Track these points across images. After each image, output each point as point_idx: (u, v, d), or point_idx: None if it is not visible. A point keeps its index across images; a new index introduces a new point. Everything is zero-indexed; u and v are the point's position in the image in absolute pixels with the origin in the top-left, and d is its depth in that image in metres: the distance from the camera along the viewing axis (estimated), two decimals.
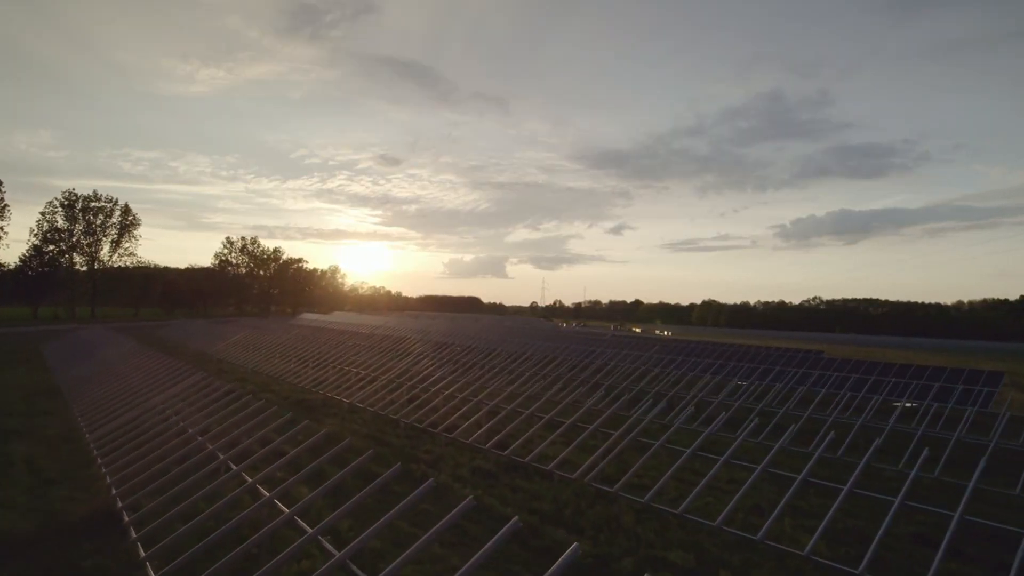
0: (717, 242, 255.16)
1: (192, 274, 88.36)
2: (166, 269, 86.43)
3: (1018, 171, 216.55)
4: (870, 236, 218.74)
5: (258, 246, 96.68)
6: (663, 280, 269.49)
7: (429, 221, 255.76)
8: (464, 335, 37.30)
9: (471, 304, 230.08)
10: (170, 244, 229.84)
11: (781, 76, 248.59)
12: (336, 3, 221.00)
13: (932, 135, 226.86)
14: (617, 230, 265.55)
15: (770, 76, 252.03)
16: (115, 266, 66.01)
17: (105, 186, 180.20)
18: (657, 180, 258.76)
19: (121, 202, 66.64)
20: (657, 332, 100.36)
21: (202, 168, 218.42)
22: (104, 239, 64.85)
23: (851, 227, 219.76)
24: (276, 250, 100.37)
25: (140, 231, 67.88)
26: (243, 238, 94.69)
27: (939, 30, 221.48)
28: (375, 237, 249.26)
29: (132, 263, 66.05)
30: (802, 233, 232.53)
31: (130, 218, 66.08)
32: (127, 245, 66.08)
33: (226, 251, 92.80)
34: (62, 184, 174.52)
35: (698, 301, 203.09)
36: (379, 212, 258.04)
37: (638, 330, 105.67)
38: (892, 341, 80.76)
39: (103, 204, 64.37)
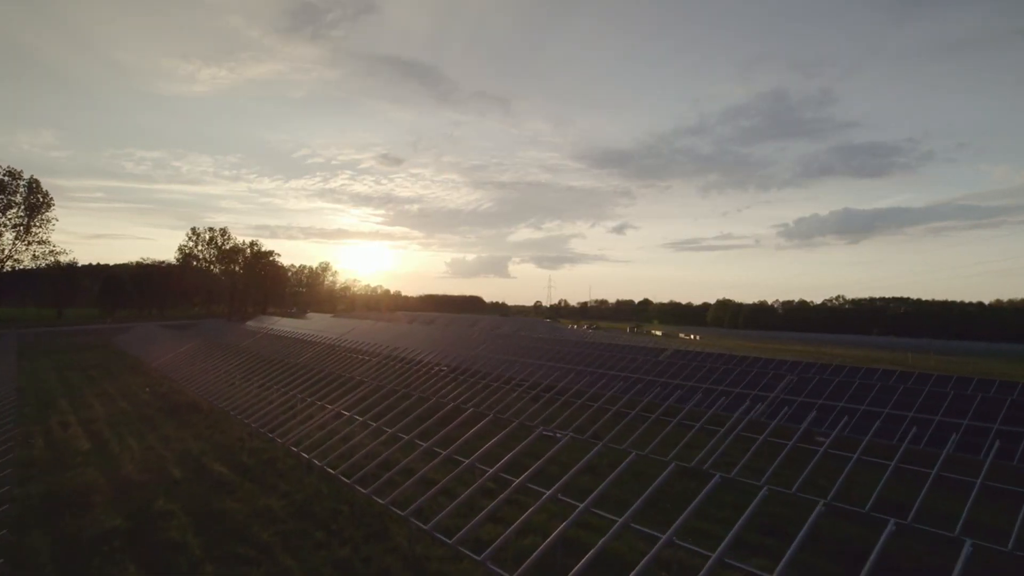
0: (720, 241, 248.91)
1: (145, 270, 75.79)
2: (105, 266, 73.99)
3: (1022, 170, 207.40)
4: (873, 235, 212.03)
5: (228, 238, 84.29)
6: (664, 280, 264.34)
7: (431, 221, 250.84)
8: (453, 351, 24.83)
9: (472, 304, 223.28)
10: (172, 244, 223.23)
11: (784, 75, 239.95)
12: (337, 2, 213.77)
13: (936, 134, 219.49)
14: (619, 229, 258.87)
15: (773, 75, 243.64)
16: (22, 260, 53.02)
17: (108, 186, 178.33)
18: (660, 179, 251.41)
19: (27, 176, 53.18)
20: (682, 336, 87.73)
21: (204, 168, 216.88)
22: (5, 224, 52.08)
23: (854, 226, 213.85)
24: (253, 243, 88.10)
25: (55, 213, 54.72)
26: (211, 229, 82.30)
27: (942, 28, 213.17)
28: (377, 237, 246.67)
29: (44, 254, 53.21)
30: (805, 232, 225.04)
31: (39, 197, 53.15)
32: (37, 231, 53.21)
33: (191, 244, 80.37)
34: (66, 184, 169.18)
35: (703, 300, 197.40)
36: (381, 212, 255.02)
37: (659, 333, 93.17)
38: (1000, 349, 67.03)
39: (2, 178, 51.40)
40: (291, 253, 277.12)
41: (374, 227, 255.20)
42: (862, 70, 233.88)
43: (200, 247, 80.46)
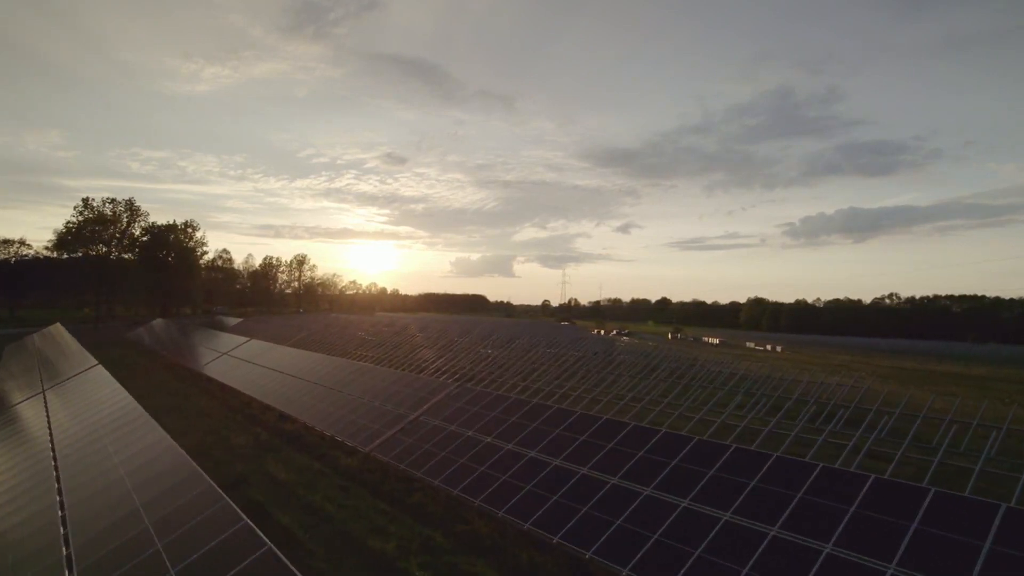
0: (725, 241, 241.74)
1: None
2: None
3: None
4: (879, 234, 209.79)
5: (138, 214, 62.00)
6: (667, 279, 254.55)
7: (436, 220, 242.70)
8: None
9: (475, 303, 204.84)
10: None
11: (789, 73, 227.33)
12: (339, 1, 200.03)
13: (943, 132, 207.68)
14: (624, 228, 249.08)
15: (778, 73, 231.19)
16: None
17: (114, 186, 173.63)
18: (664, 178, 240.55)
19: None
20: (750, 345, 64.01)
21: (210, 168, 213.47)
22: None
23: (860, 225, 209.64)
24: (187, 223, 66.41)
25: None
26: (113, 200, 59.83)
27: (950, 25, 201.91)
28: (382, 236, 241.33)
29: None
30: (811, 231, 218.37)
31: None
32: None
33: (81, 220, 57.62)
34: (72, 184, 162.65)
35: (714, 299, 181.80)
36: (386, 211, 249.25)
37: (715, 341, 69.95)
38: None
39: None
40: (295, 253, 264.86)
41: (379, 227, 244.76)
42: (868, 67, 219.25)
43: (89, 228, 57.75)
